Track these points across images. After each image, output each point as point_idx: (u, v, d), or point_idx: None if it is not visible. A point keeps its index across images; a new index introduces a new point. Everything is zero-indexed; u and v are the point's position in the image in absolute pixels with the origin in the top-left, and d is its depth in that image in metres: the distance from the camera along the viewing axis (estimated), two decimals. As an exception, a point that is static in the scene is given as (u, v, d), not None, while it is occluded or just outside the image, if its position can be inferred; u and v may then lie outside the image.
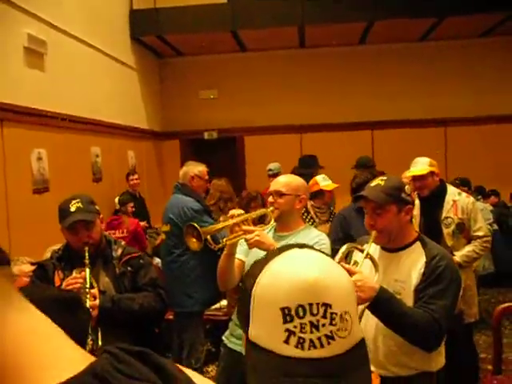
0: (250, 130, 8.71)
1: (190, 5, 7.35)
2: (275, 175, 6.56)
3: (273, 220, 2.44)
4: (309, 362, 0.76)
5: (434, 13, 7.23)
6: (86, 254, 2.22)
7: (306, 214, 4.47)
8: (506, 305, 3.18)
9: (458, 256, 3.55)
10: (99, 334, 2.07)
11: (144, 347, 1.73)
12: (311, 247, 0.89)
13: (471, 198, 3.77)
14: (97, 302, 2.13)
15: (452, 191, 3.75)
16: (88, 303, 2.08)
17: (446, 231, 3.62)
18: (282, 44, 8.33)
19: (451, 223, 3.61)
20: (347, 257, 2.11)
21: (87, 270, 2.18)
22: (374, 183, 2.11)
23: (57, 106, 5.00)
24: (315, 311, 0.78)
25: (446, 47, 8.45)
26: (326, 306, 0.78)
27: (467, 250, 3.60)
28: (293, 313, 0.78)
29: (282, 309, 0.78)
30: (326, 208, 4.68)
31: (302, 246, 0.88)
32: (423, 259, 1.99)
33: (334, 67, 8.62)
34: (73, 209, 2.26)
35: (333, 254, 1.92)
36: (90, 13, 5.96)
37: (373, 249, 2.10)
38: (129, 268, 2.35)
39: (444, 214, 3.64)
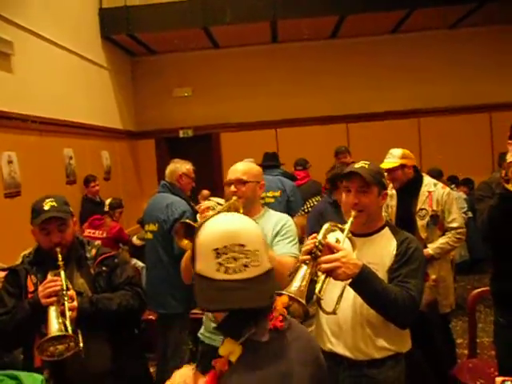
0: (226, 126, 8.70)
1: (160, 2, 7.29)
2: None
3: (241, 209, 2.43)
4: (232, 281, 1.17)
5: (404, 5, 7.30)
6: (59, 256, 2.17)
7: None
8: (479, 290, 3.24)
9: (431, 248, 3.56)
10: (80, 336, 2.05)
11: (124, 347, 1.71)
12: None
13: (447, 189, 3.75)
14: (75, 303, 2.09)
15: (428, 182, 3.74)
16: (66, 306, 2.04)
17: (420, 223, 3.62)
18: (255, 39, 8.33)
19: (425, 215, 3.61)
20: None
21: (62, 272, 2.14)
22: (358, 165, 2.16)
23: (26, 107, 4.92)
24: (234, 249, 1.19)
25: (417, 39, 8.53)
26: (241, 245, 1.20)
27: (440, 241, 3.60)
28: (220, 251, 1.19)
29: (214, 249, 1.19)
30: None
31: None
32: (394, 242, 2.08)
33: (307, 61, 8.63)
34: (46, 207, 2.21)
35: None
36: (58, 12, 5.86)
37: (340, 236, 2.12)
38: (104, 268, 2.31)
39: (419, 206, 3.64)
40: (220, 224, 1.24)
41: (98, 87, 7.20)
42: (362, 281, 1.87)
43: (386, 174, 3.71)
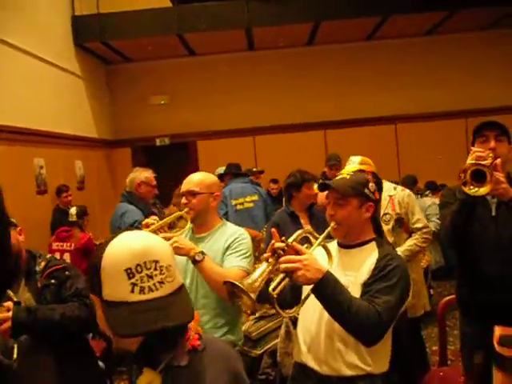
0: (203, 134, 8.64)
1: (134, 10, 7.23)
2: (223, 180, 6.54)
3: (189, 222, 2.37)
4: (149, 301, 1.08)
5: (379, 12, 7.34)
6: None
7: None
8: (450, 297, 3.20)
9: (400, 251, 3.53)
10: (15, 347, 1.97)
11: (73, 361, 1.63)
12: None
13: (407, 191, 3.78)
14: (8, 313, 2.03)
15: (387, 187, 3.73)
16: None
17: (385, 228, 3.59)
18: (231, 47, 8.31)
19: (390, 219, 3.61)
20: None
21: None
22: (339, 176, 2.12)
23: (-7, 116, 4.81)
24: (148, 266, 1.10)
25: (394, 45, 8.59)
26: (156, 261, 1.11)
27: (408, 244, 3.60)
28: (134, 271, 1.09)
29: (125, 270, 1.08)
30: None
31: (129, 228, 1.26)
32: (375, 256, 2.00)
33: (284, 68, 8.63)
34: None
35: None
36: (28, 19, 5.77)
37: (331, 245, 2.10)
38: (52, 281, 2.25)
39: (382, 211, 3.62)
40: (128, 242, 1.13)
41: (72, 96, 7.10)
42: (324, 287, 1.80)
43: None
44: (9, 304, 2.06)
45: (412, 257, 3.62)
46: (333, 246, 2.12)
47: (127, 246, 1.12)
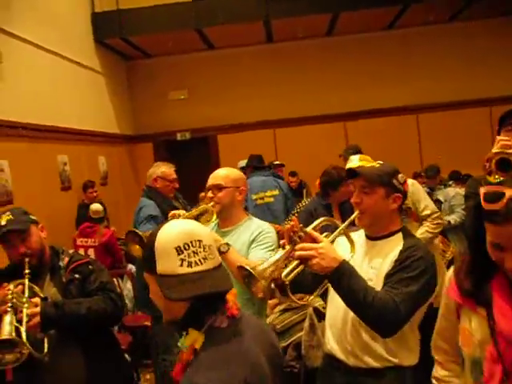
0: (223, 128, 8.65)
1: (153, 5, 7.25)
2: (246, 172, 6.54)
3: (214, 215, 2.38)
4: (195, 273, 1.29)
5: (397, 1, 7.23)
6: (26, 265, 2.18)
7: None
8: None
9: None
10: (45, 340, 2.02)
11: (101, 355, 1.69)
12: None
13: (410, 180, 3.73)
14: (37, 309, 2.07)
15: None
16: (24, 312, 2.03)
17: None
18: (250, 40, 8.28)
19: None
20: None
21: (26, 281, 2.15)
22: (369, 165, 2.10)
23: (16, 115, 4.89)
24: (194, 244, 1.31)
25: (415, 34, 8.46)
26: (199, 241, 1.32)
27: (420, 232, 3.59)
28: (182, 248, 1.30)
29: (175, 247, 1.30)
30: None
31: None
32: (399, 248, 1.96)
33: (303, 60, 8.57)
34: (3, 222, 2.22)
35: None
36: (48, 18, 5.83)
37: (357, 236, 2.08)
38: (76, 275, 2.29)
39: None
40: (176, 226, 1.35)
41: (93, 92, 7.17)
42: (339, 277, 1.78)
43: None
44: (36, 300, 2.10)
45: (427, 244, 3.62)
46: (360, 237, 2.10)
47: (176, 228, 1.34)
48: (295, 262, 1.78)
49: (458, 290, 1.45)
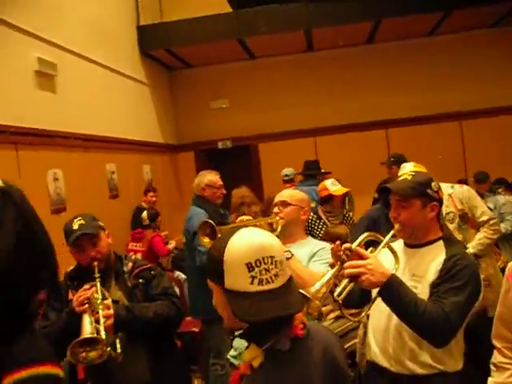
0: (264, 136, 8.71)
1: (196, 17, 7.39)
2: (290, 180, 6.56)
3: (279, 228, 2.44)
4: (266, 292, 1.23)
5: (440, 7, 7.16)
6: (96, 269, 2.27)
7: (318, 221, 4.45)
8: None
9: (471, 247, 3.56)
10: (117, 342, 2.09)
11: (163, 358, 1.76)
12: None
13: (465, 187, 3.79)
14: (111, 311, 2.15)
15: (445, 187, 3.70)
16: (101, 313, 2.12)
17: (451, 227, 3.61)
18: (290, 49, 8.34)
19: (454, 217, 3.61)
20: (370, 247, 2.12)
21: (98, 283, 2.24)
22: (401, 178, 2.13)
23: (69, 125, 5.06)
24: (266, 261, 1.24)
25: (454, 40, 8.35)
26: (272, 257, 1.25)
27: (478, 238, 3.60)
28: (253, 265, 1.23)
29: (246, 264, 1.23)
30: (337, 212, 4.62)
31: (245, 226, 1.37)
32: (443, 256, 1.98)
33: (344, 68, 8.57)
34: (75, 226, 2.33)
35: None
36: (97, 32, 6.03)
37: (397, 244, 2.11)
38: (140, 280, 2.38)
39: (445, 211, 3.60)
40: (247, 239, 1.27)
41: (138, 102, 7.35)
42: (389, 290, 1.83)
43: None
44: (109, 302, 2.20)
45: (484, 251, 3.62)
46: (399, 246, 2.12)
47: (247, 242, 1.26)
48: (346, 280, 1.84)
49: None
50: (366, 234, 1.99)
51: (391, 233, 2.04)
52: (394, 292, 1.83)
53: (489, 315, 3.49)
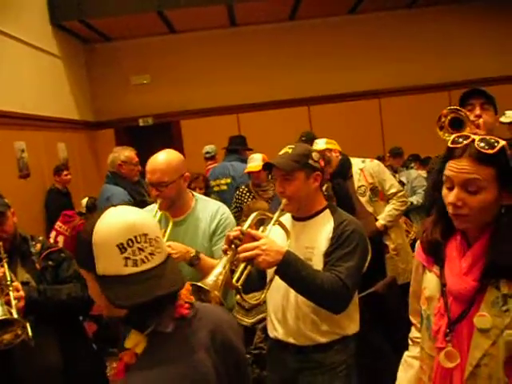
0: (186, 113, 8.55)
1: (112, -14, 7.06)
2: (212, 157, 6.50)
3: (159, 211, 2.25)
4: (142, 273, 1.13)
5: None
6: (1, 249, 2.14)
7: (248, 194, 4.51)
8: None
9: (382, 218, 3.74)
10: (28, 325, 1.98)
11: (75, 341, 1.64)
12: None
13: (375, 161, 3.95)
14: (21, 293, 2.04)
15: (356, 161, 3.90)
16: (12, 295, 2.00)
17: (363, 200, 3.78)
18: (212, 24, 8.19)
19: (365, 191, 3.76)
20: (262, 225, 2.12)
21: (5, 265, 2.11)
22: (282, 151, 2.11)
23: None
24: (139, 239, 1.14)
25: (376, 19, 8.53)
26: (145, 235, 1.15)
27: (387, 210, 3.77)
28: (125, 245, 1.12)
29: (117, 245, 1.12)
30: (267, 186, 4.62)
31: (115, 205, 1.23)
32: (331, 224, 2.03)
33: (266, 44, 8.53)
34: None
35: None
36: (4, 0, 5.60)
37: (285, 219, 2.12)
38: (50, 262, 2.28)
39: (356, 184, 3.78)
40: (116, 218, 1.16)
41: (51, 77, 6.95)
42: (286, 267, 1.83)
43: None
44: (17, 284, 2.07)
45: (394, 222, 3.79)
46: (287, 220, 2.14)
47: (117, 222, 1.15)
48: (242, 265, 1.81)
49: (422, 251, 1.51)
50: (254, 214, 1.97)
51: (279, 209, 2.03)
52: (291, 268, 1.83)
53: (398, 282, 3.65)
